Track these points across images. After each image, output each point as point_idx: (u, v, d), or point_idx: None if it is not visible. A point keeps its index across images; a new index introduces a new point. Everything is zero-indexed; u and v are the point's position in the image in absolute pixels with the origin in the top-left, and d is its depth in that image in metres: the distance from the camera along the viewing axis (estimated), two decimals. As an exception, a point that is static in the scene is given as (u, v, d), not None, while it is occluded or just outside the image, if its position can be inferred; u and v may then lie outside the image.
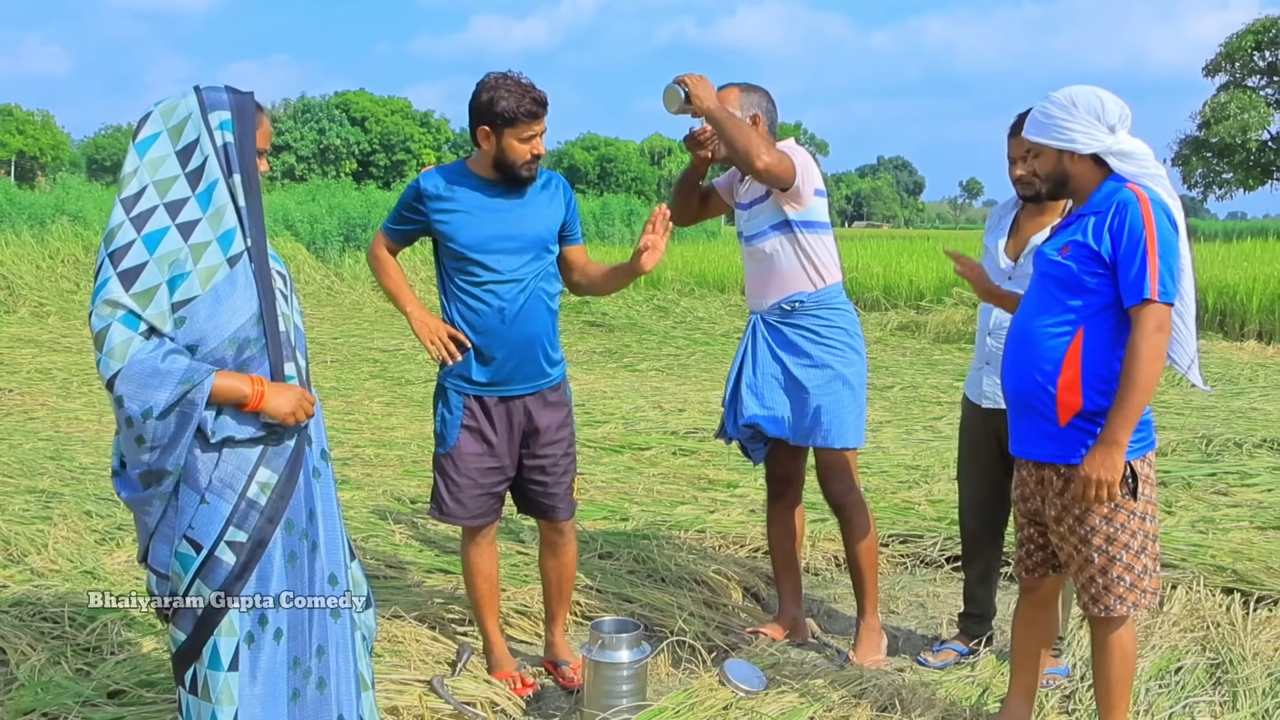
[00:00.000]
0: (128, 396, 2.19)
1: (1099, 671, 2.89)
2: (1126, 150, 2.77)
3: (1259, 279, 13.51)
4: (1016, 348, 2.83)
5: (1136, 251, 2.64)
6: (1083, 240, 2.71)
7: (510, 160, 3.28)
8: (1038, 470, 2.85)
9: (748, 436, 3.80)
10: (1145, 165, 2.78)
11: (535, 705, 3.46)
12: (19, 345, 11.38)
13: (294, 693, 2.40)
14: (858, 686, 3.33)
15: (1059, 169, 2.81)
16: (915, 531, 5.07)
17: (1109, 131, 2.76)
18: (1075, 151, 2.77)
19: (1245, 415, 8.09)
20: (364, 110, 69.52)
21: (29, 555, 4.48)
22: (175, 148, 2.31)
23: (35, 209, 17.84)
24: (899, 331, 13.85)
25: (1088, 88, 2.79)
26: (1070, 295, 2.73)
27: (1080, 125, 2.75)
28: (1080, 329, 2.72)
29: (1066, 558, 2.85)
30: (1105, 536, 2.75)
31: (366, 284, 18.45)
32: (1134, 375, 2.62)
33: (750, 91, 3.73)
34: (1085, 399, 2.71)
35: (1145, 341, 2.62)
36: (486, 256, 3.31)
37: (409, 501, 5.57)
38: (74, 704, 3.17)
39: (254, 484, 2.33)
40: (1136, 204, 2.67)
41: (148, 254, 2.23)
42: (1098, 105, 2.75)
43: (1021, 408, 2.82)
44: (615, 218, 27.97)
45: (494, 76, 3.27)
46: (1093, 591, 2.79)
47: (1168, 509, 5.37)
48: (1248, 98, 47.09)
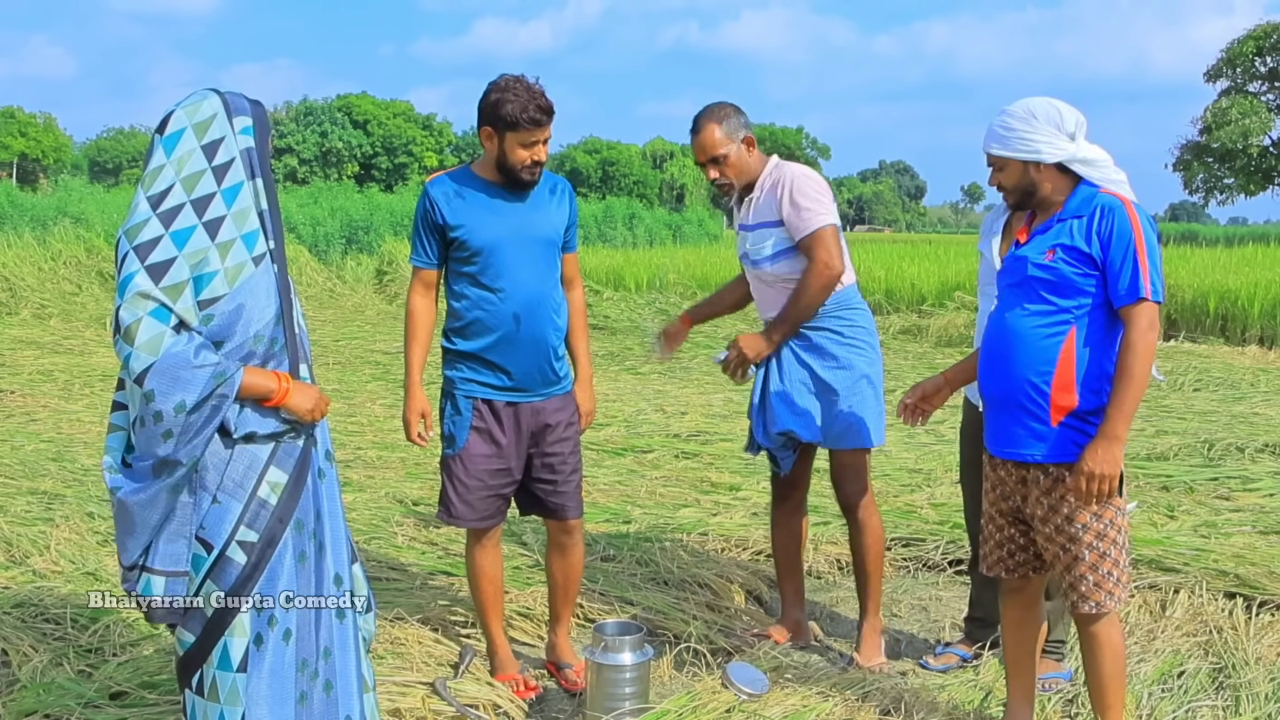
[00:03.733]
0: (159, 392, 2.18)
1: (1092, 670, 2.90)
2: (1089, 157, 2.85)
3: (1260, 284, 13.51)
4: (1002, 349, 2.86)
5: (1127, 253, 2.71)
6: (1070, 243, 2.76)
7: (510, 164, 3.28)
8: (1019, 470, 2.87)
9: (779, 445, 3.78)
10: (1108, 171, 2.87)
11: (537, 708, 3.46)
12: (21, 347, 11.38)
13: (301, 695, 2.40)
14: (861, 689, 3.33)
15: (1025, 180, 2.86)
16: (918, 535, 5.06)
17: (1070, 140, 2.85)
18: (1041, 161, 2.83)
19: (1247, 420, 8.08)
20: (366, 113, 69.52)
21: (31, 557, 4.48)
22: (201, 142, 2.31)
23: (37, 211, 17.85)
24: (901, 335, 13.85)
25: (1042, 99, 2.88)
26: (1061, 296, 2.77)
27: (1042, 135, 2.82)
28: (1073, 328, 2.76)
29: (1052, 557, 2.86)
30: (1096, 533, 2.78)
31: (368, 287, 18.46)
32: (1132, 371, 2.68)
33: (725, 119, 3.68)
34: (1081, 399, 2.75)
35: (1141, 339, 2.68)
36: (499, 258, 3.31)
37: (411, 504, 5.57)
38: (76, 705, 3.16)
39: (264, 484, 2.34)
40: (1123, 208, 2.75)
41: (176, 250, 2.23)
42: (1056, 115, 2.83)
43: (1008, 408, 2.85)
44: (617, 221, 28.02)
45: (506, 79, 3.27)
46: (1083, 589, 2.80)
47: (1170, 514, 5.37)
48: (1249, 103, 47.08)
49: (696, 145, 3.71)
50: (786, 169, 3.70)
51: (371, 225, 20.81)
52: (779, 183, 3.67)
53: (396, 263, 18.67)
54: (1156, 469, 6.25)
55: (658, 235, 29.46)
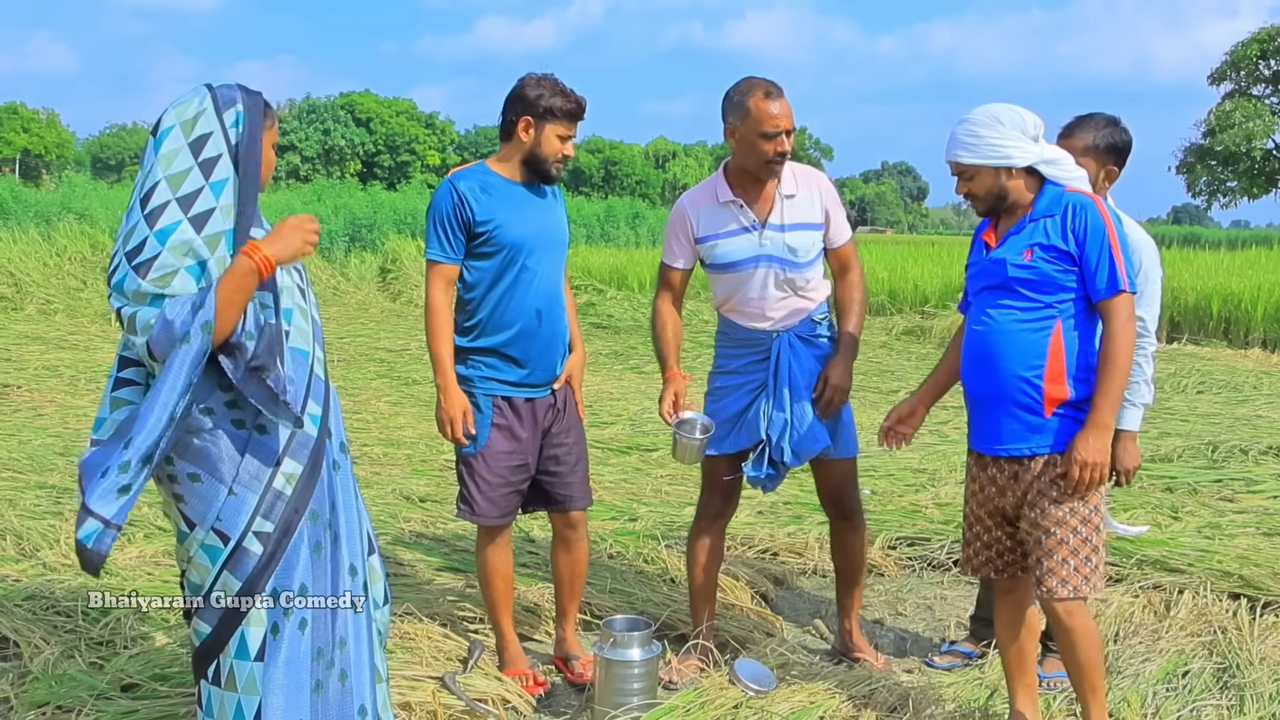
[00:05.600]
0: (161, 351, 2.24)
1: (1072, 660, 2.92)
2: (1052, 158, 2.91)
3: (1263, 287, 13.52)
4: (988, 349, 2.90)
5: (1102, 248, 2.78)
6: (1048, 242, 2.82)
7: (544, 155, 3.34)
8: (1011, 465, 2.90)
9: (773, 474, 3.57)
10: (1070, 170, 2.93)
11: (546, 703, 3.48)
12: (26, 342, 11.40)
13: (317, 684, 2.42)
14: (867, 687, 3.35)
15: (996, 186, 2.89)
16: (923, 535, 5.08)
17: (1034, 142, 2.89)
18: (1012, 166, 2.87)
19: (1250, 423, 8.10)
20: (369, 111, 69.54)
21: (41, 550, 4.50)
22: (187, 140, 2.34)
23: (41, 207, 17.84)
24: (904, 336, 13.88)
25: (1001, 105, 2.91)
26: (1043, 293, 2.83)
27: (1011, 140, 2.86)
28: (1058, 322, 2.83)
29: (1034, 543, 2.88)
30: (1081, 518, 2.84)
31: (372, 284, 18.47)
32: (1117, 360, 2.76)
33: None
34: (1072, 389, 2.82)
35: (1123, 329, 2.77)
36: (526, 255, 3.35)
37: (418, 500, 5.60)
38: (88, 697, 3.19)
39: (280, 475, 2.37)
40: (1093, 204, 2.83)
41: (159, 246, 2.27)
42: (1019, 120, 2.89)
43: (1000, 404, 2.89)
44: (620, 220, 27.96)
45: (539, 76, 3.37)
46: (1063, 574, 2.83)
47: (1174, 515, 5.39)
48: (1253, 106, 47.04)
49: (782, 110, 3.39)
50: (805, 169, 3.64)
51: (375, 223, 20.78)
52: (812, 182, 3.58)
53: (400, 260, 18.69)
54: (1161, 470, 6.27)
55: (660, 235, 29.42)
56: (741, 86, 3.46)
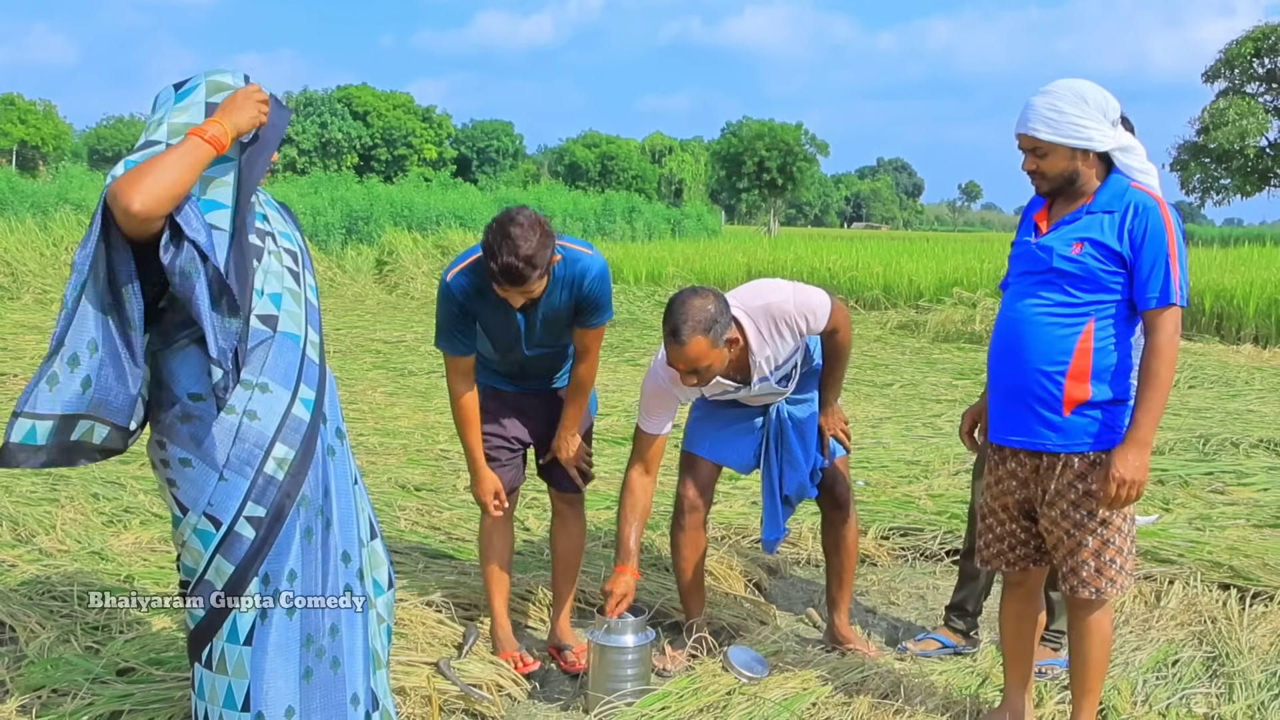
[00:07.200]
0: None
1: (1079, 655, 2.90)
2: (1128, 145, 2.73)
3: (1255, 284, 13.56)
4: (1016, 338, 2.78)
5: (1160, 256, 2.62)
6: (1100, 239, 2.66)
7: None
8: (1033, 459, 2.82)
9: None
10: (1143, 162, 2.74)
11: (540, 689, 3.50)
12: (23, 331, 11.39)
13: (306, 671, 2.42)
14: (859, 674, 3.37)
15: (1071, 168, 2.70)
16: (916, 525, 5.11)
17: (1112, 126, 2.71)
18: (1092, 150, 2.68)
19: (1241, 417, 8.15)
20: (366, 104, 69.46)
21: (37, 536, 4.51)
22: (207, 100, 2.36)
23: (38, 197, 17.83)
24: (899, 330, 13.92)
25: (1085, 82, 2.69)
26: (1083, 290, 2.69)
27: (1094, 122, 2.66)
28: (1090, 322, 2.69)
29: (1056, 541, 2.83)
30: (1101, 520, 2.76)
31: (369, 276, 18.48)
32: (1161, 375, 2.61)
33: (709, 330, 3.13)
34: (1094, 391, 2.70)
35: (1169, 343, 2.63)
36: (513, 353, 3.44)
37: (413, 489, 5.61)
38: (84, 681, 3.19)
39: (271, 460, 2.36)
40: (1157, 208, 2.64)
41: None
42: (1103, 101, 2.68)
43: (1019, 396, 2.79)
44: (616, 214, 27.95)
45: (499, 221, 3.02)
46: (1084, 574, 2.79)
47: (1166, 507, 5.43)
48: (1246, 104, 47.18)
49: (678, 357, 3.17)
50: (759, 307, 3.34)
51: (372, 215, 20.78)
52: (776, 320, 3.33)
53: (396, 253, 18.72)
54: (1153, 463, 6.27)
55: (657, 229, 29.42)
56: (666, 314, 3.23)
